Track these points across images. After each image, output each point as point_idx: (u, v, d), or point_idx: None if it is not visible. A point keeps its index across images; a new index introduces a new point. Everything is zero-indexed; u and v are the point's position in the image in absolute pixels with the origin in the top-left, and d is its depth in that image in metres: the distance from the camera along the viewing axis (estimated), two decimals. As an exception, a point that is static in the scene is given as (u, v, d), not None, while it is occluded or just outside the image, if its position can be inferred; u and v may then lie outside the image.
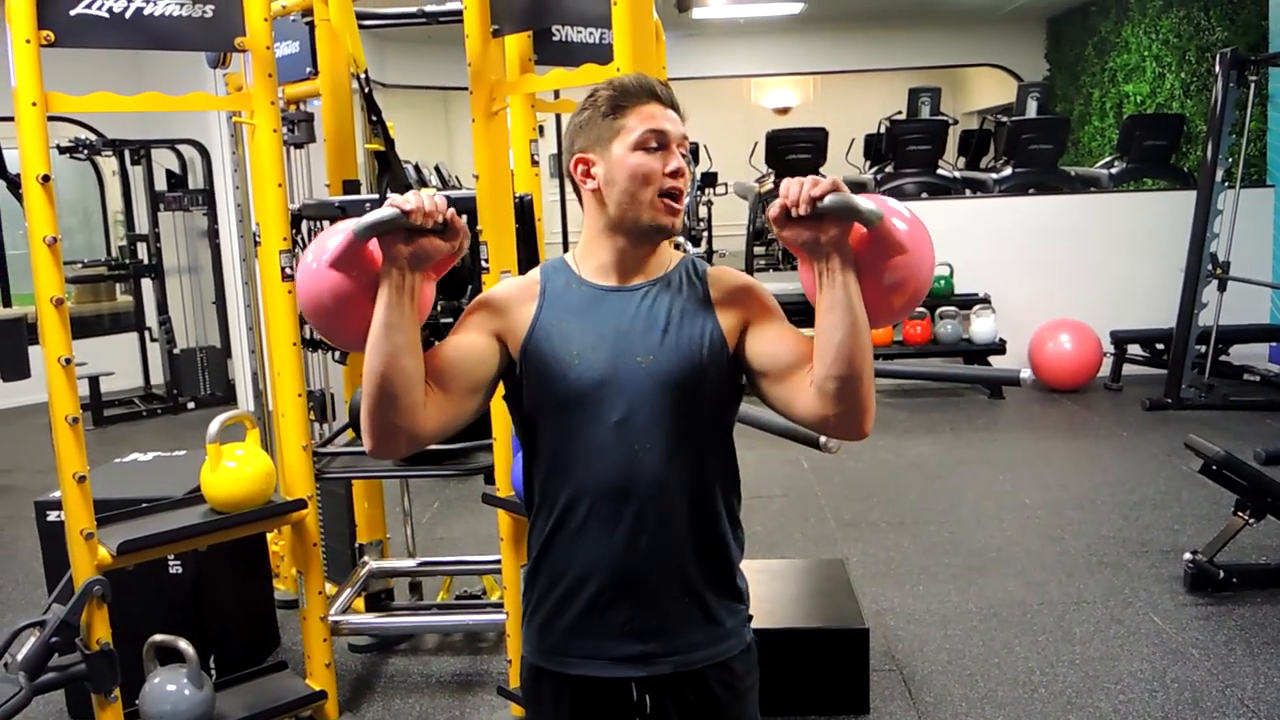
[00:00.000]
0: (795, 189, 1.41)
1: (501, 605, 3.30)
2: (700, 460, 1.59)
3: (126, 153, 7.93)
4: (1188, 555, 4.03)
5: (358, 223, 1.46)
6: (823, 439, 2.47)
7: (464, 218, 1.52)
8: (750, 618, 1.70)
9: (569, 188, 1.67)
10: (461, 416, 1.57)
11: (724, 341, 1.57)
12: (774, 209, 1.44)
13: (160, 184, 8.07)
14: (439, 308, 3.18)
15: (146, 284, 8.20)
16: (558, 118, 6.14)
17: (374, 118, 3.14)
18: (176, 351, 8.07)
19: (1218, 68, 6.73)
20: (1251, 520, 3.94)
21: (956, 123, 11.25)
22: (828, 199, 1.39)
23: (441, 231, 1.47)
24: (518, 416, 1.65)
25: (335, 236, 1.54)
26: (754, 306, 1.60)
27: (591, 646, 1.61)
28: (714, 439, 1.61)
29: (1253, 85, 7.00)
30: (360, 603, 3.83)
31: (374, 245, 1.49)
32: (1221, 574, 3.94)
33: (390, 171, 3.17)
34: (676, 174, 1.54)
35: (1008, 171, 8.65)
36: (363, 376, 1.49)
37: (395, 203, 1.45)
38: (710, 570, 1.61)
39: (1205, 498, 4.95)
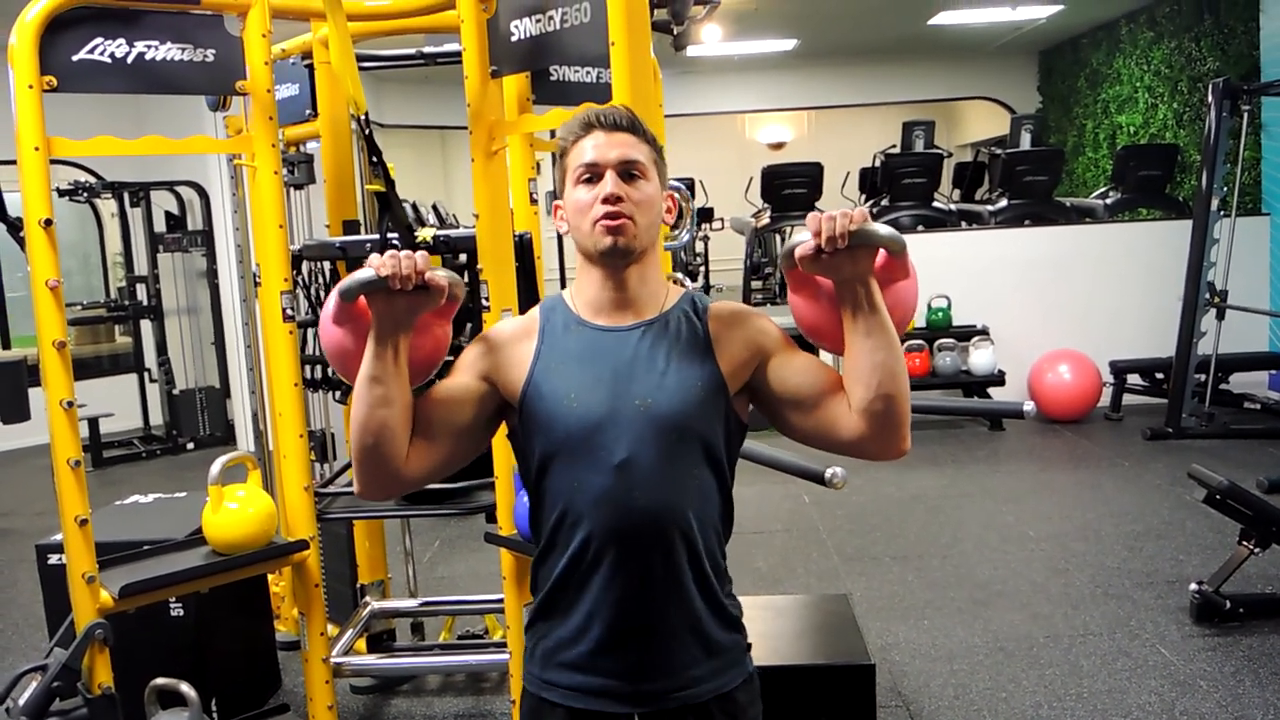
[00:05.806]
0: (828, 225, 1.42)
1: (504, 645, 3.28)
2: (702, 502, 1.58)
3: (126, 195, 7.99)
4: (1193, 586, 4.02)
5: (341, 284, 1.51)
6: (828, 474, 2.46)
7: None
8: (749, 646, 1.69)
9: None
10: (452, 459, 1.61)
11: (723, 382, 1.57)
12: (806, 248, 1.45)
13: (159, 225, 8.11)
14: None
15: (146, 325, 8.21)
16: (554, 156, 6.18)
17: (374, 159, 3.15)
18: (176, 392, 8.07)
19: (1210, 98, 6.78)
20: (1257, 549, 3.93)
21: (951, 155, 11.30)
22: (862, 230, 1.42)
23: (423, 290, 1.50)
24: (520, 457, 1.65)
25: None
26: (768, 341, 1.61)
27: (597, 684, 1.59)
28: (714, 480, 1.60)
29: (1245, 114, 7.05)
30: (362, 644, 3.80)
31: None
32: (1228, 604, 3.92)
33: (391, 212, 3.17)
34: (607, 199, 1.54)
35: (1003, 203, 8.69)
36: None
37: (372, 264, 1.48)
38: (709, 604, 1.61)
39: (1209, 527, 4.94)
